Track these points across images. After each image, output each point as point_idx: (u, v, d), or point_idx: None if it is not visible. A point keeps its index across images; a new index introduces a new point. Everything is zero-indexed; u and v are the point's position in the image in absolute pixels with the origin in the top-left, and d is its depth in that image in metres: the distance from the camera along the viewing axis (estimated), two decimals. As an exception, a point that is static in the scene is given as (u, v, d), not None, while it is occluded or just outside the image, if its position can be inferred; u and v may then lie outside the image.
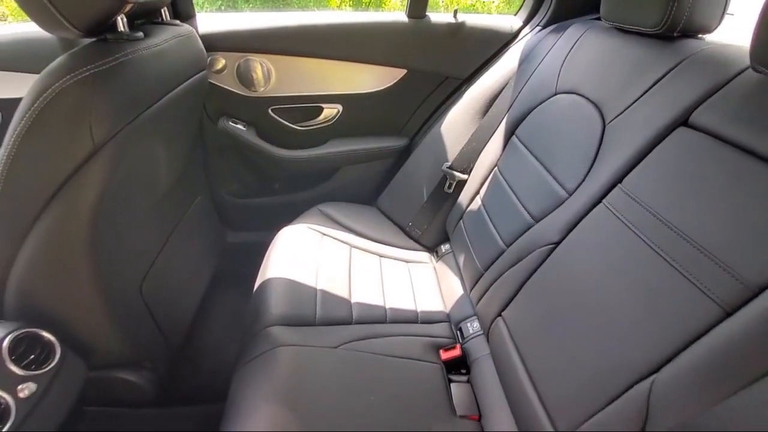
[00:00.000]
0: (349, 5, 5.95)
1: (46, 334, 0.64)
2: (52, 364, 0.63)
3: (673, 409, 0.44)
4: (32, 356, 0.62)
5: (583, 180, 0.72)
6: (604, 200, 0.64)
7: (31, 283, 0.64)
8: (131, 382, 0.80)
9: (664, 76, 0.65)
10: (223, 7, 5.25)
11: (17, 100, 1.21)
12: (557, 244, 0.70)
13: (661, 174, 0.57)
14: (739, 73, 0.56)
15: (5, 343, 0.59)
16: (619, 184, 0.63)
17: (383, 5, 5.55)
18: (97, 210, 0.63)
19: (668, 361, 0.47)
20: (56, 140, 0.56)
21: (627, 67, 0.74)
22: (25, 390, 0.58)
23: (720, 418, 0.39)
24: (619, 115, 0.71)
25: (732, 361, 0.42)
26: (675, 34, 0.69)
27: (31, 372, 0.60)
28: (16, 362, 0.59)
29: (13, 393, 0.57)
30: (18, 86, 1.12)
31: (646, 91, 0.67)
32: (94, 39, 0.62)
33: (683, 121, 0.59)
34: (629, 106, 0.69)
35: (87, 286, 0.67)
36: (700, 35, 0.71)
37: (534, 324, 0.70)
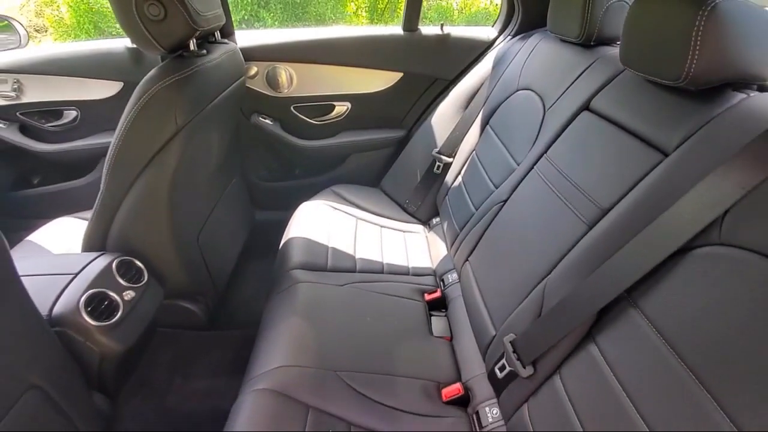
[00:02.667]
0: (365, 11, 6.23)
1: (137, 262, 0.92)
2: (142, 283, 0.90)
3: (557, 295, 0.67)
4: (129, 276, 0.89)
5: (527, 154, 0.95)
6: (535, 167, 0.88)
7: (128, 226, 0.92)
8: (190, 309, 1.07)
9: (581, 74, 0.88)
10: (246, 17, 5.62)
11: (91, 101, 1.53)
12: (505, 201, 0.93)
13: (569, 145, 0.80)
14: (623, 71, 0.78)
15: (114, 263, 0.87)
16: (545, 155, 0.86)
17: (398, 10, 5.81)
18: (174, 176, 0.90)
19: (555, 265, 0.70)
20: (152, 124, 0.83)
21: (562, 67, 0.96)
22: (127, 295, 0.86)
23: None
24: (554, 103, 0.94)
25: (592, 257, 0.64)
26: (592, 43, 0.91)
27: (130, 284, 0.87)
28: (121, 277, 0.87)
29: (120, 296, 0.84)
30: (91, 90, 1.43)
31: (570, 85, 0.90)
32: (175, 55, 0.89)
33: (586, 106, 0.81)
34: (560, 97, 0.92)
35: (165, 231, 0.95)
36: (615, 43, 0.93)
37: (488, 261, 0.93)
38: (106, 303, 0.81)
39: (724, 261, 0.48)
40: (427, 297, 1.11)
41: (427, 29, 1.40)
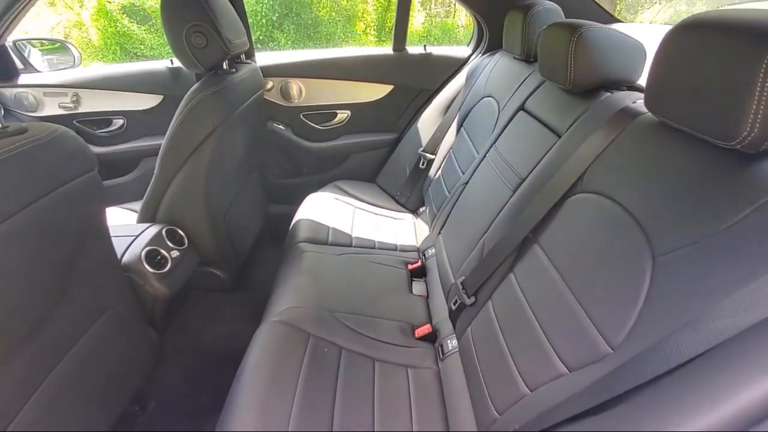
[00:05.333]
0: (374, 30, 6.59)
1: (180, 231, 1.18)
2: (184, 246, 1.17)
3: (491, 243, 0.91)
4: (174, 241, 1.16)
5: (485, 145, 1.20)
6: (487, 155, 1.12)
7: (173, 203, 1.18)
8: (217, 274, 1.33)
9: (522, 82, 1.13)
10: (261, 37, 6.02)
11: (135, 111, 1.84)
12: (467, 183, 1.18)
13: (507, 136, 1.06)
14: (545, 81, 1.03)
15: (163, 230, 1.13)
16: (494, 145, 1.11)
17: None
18: (209, 166, 1.17)
19: (492, 222, 0.94)
20: (194, 125, 1.10)
21: (511, 78, 1.22)
22: (173, 254, 1.12)
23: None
24: (504, 106, 1.19)
25: (513, 212, 0.89)
26: (531, 59, 1.17)
27: (176, 247, 1.14)
28: (169, 240, 1.13)
29: (169, 253, 1.10)
30: (135, 102, 1.72)
31: (515, 91, 1.15)
32: (211, 72, 1.17)
33: (522, 107, 1.06)
34: (508, 100, 1.17)
35: (200, 209, 1.21)
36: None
37: (453, 230, 1.18)
38: (158, 258, 1.07)
39: (585, 203, 0.72)
40: (410, 266, 1.34)
41: (413, 49, 1.68)
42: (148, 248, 1.05)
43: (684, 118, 0.55)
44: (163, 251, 1.09)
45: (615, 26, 0.85)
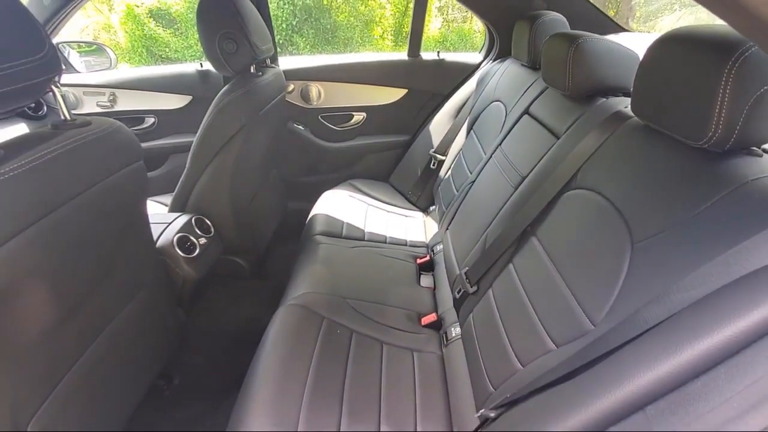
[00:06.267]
0: (391, 35, 6.70)
1: (207, 221, 1.29)
2: (211, 235, 1.27)
3: (494, 236, 0.98)
4: (202, 229, 1.26)
5: (492, 147, 1.27)
6: (493, 155, 1.20)
7: (202, 195, 1.29)
8: (239, 263, 1.43)
9: (528, 88, 1.20)
10: (281, 41, 6.18)
11: (166, 110, 1.97)
12: (474, 182, 1.25)
13: (512, 137, 1.13)
14: (548, 87, 1.10)
15: (193, 219, 1.24)
16: (500, 146, 1.18)
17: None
18: (235, 162, 1.27)
19: (494, 217, 1.01)
20: (224, 124, 1.20)
21: (518, 84, 1.29)
22: (201, 240, 1.22)
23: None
24: (511, 109, 1.26)
25: (514, 207, 0.96)
26: (537, 67, 1.24)
27: (203, 234, 1.24)
28: (197, 228, 1.23)
29: (197, 240, 1.20)
30: (166, 101, 1.84)
31: (521, 96, 1.22)
32: (239, 75, 1.27)
33: (527, 111, 1.14)
34: (515, 105, 1.24)
35: (226, 200, 1.31)
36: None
37: (459, 226, 1.25)
38: (188, 244, 1.17)
39: (577, 198, 0.79)
40: (419, 260, 1.42)
41: (427, 55, 1.76)
42: (179, 235, 1.16)
43: (663, 121, 0.62)
44: (192, 238, 1.19)
45: (622, 36, 0.92)
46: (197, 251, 1.18)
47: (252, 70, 1.28)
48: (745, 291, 0.41)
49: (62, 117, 0.70)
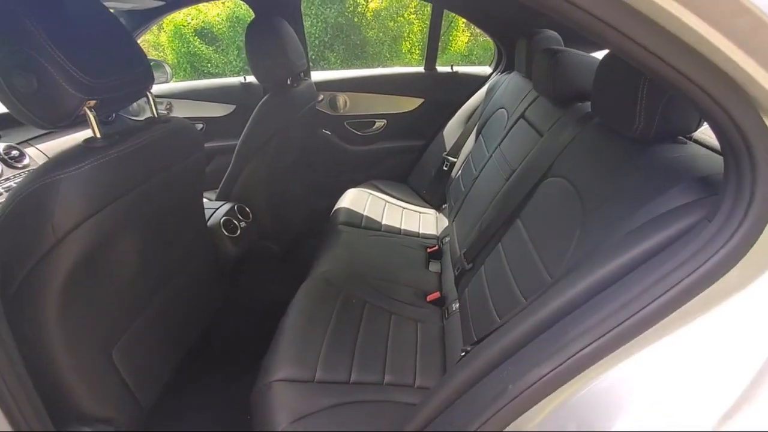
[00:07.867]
0: (418, 49, 6.94)
1: (247, 208, 1.51)
2: (250, 220, 1.49)
3: (488, 220, 1.14)
4: (243, 214, 1.49)
5: (493, 147, 1.43)
6: (492, 155, 1.36)
7: (243, 186, 1.52)
8: (271, 247, 1.65)
9: (525, 96, 1.37)
10: (313, 57, 6.54)
11: (213, 117, 2.26)
12: (476, 177, 1.42)
13: (509, 139, 1.29)
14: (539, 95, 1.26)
15: (235, 206, 1.47)
16: (499, 146, 1.35)
17: (446, 49, 6.44)
18: (272, 160, 1.49)
19: (489, 205, 1.17)
20: (264, 127, 1.43)
21: (518, 92, 1.45)
22: (242, 223, 1.44)
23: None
24: (511, 114, 1.42)
25: (504, 195, 1.12)
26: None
27: (244, 219, 1.47)
28: (239, 213, 1.46)
29: (239, 223, 1.43)
30: (214, 110, 2.11)
31: (520, 102, 1.38)
32: (277, 86, 1.51)
33: (523, 116, 1.30)
34: (515, 110, 1.41)
35: (263, 192, 1.54)
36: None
37: (462, 216, 1.42)
38: (232, 226, 1.40)
39: (552, 185, 0.94)
40: (429, 250, 1.59)
41: (442, 68, 1.95)
42: (225, 218, 1.39)
43: (611, 118, 0.78)
44: (234, 221, 1.42)
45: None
46: (239, 232, 1.41)
47: (289, 82, 1.51)
48: (636, 235, 0.56)
49: (152, 115, 0.94)
